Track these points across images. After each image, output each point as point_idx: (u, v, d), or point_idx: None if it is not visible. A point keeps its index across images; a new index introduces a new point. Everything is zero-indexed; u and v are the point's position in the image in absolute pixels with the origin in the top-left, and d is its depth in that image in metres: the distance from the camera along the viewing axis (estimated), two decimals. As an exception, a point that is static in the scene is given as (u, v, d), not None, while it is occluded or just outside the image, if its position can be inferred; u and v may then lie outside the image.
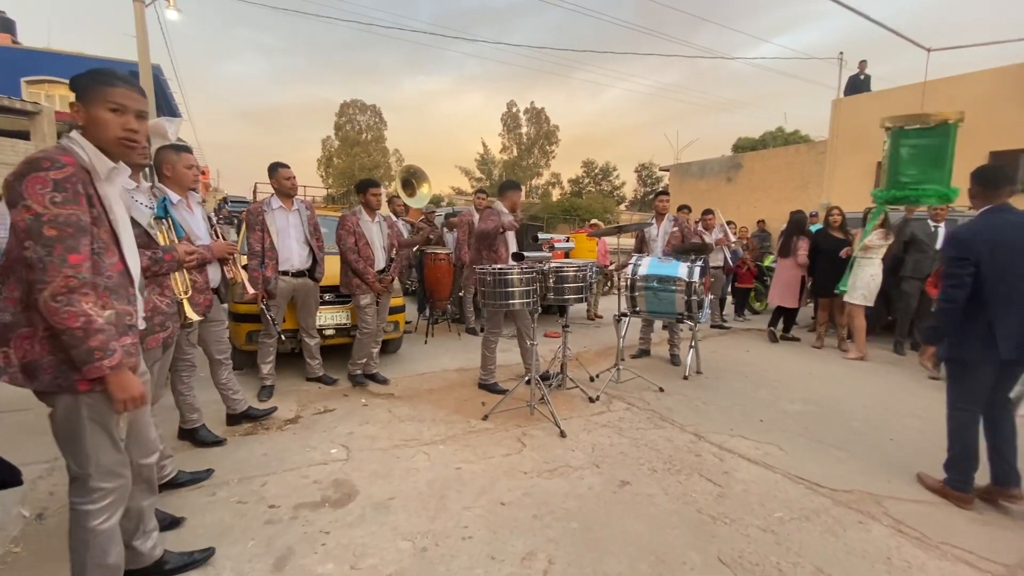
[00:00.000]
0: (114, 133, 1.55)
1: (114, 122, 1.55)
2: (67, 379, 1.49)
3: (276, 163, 3.77)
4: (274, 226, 3.71)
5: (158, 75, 11.94)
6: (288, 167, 3.77)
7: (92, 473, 1.58)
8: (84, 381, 1.49)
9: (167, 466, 2.51)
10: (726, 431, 3.47)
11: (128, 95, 1.58)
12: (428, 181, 6.97)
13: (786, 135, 27.52)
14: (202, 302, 2.70)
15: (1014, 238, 2.51)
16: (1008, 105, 10.72)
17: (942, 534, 2.34)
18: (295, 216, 3.81)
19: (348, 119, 46.46)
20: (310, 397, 3.94)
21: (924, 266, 5.56)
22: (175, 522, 2.24)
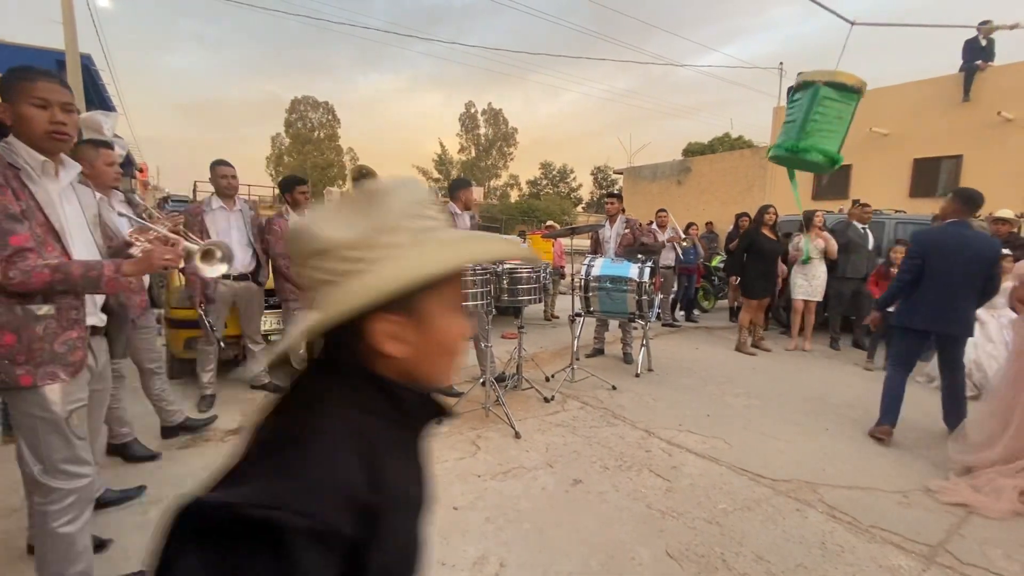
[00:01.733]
0: (41, 128, 1.53)
1: (39, 117, 1.53)
2: (9, 374, 1.49)
3: (217, 160, 3.59)
4: (214, 227, 3.52)
5: (88, 65, 11.12)
6: (229, 165, 3.60)
7: (44, 471, 1.57)
8: (26, 376, 1.50)
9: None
10: (675, 426, 3.57)
11: (50, 88, 1.55)
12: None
13: (732, 140, 28.72)
14: (138, 303, 2.57)
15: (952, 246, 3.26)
16: (932, 115, 11.58)
17: (872, 518, 2.49)
18: (237, 217, 3.64)
19: (299, 116, 45.13)
20: (254, 406, 3.77)
21: (860, 266, 5.87)
22: (101, 544, 2.09)
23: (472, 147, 48.84)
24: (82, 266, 1.54)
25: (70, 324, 1.58)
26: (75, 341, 1.60)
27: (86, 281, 1.54)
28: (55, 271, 1.48)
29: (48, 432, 1.55)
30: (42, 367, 1.54)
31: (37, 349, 1.52)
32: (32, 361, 1.52)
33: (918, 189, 11.82)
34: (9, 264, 1.43)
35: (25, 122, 1.52)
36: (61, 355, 1.57)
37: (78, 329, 1.62)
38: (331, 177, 41.65)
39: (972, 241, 3.28)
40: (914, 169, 12.00)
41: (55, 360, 1.57)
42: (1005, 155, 10.55)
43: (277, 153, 45.16)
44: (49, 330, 1.54)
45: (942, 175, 11.70)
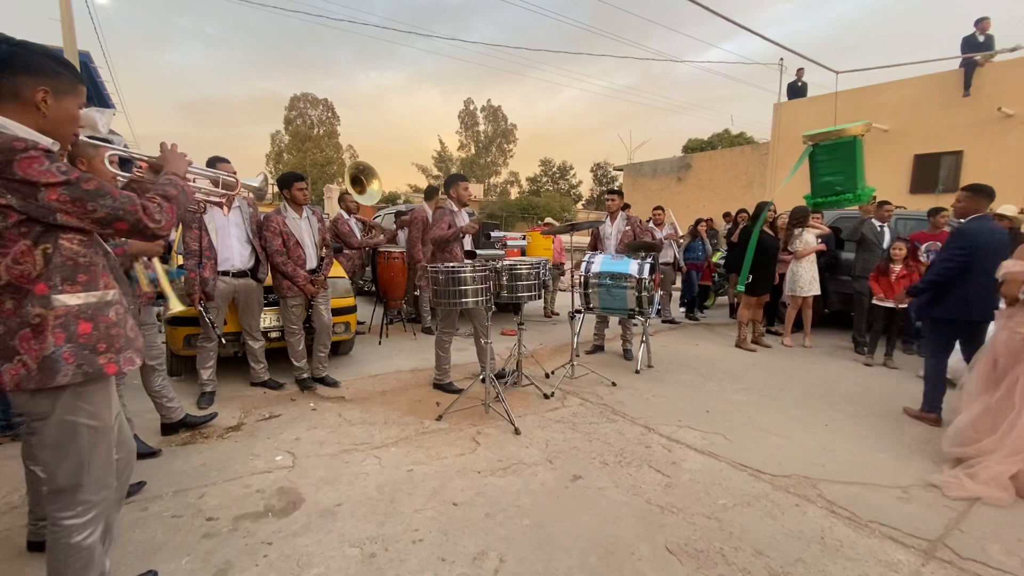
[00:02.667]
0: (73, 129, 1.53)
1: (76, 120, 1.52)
2: (92, 364, 1.42)
3: (214, 157, 3.58)
4: (212, 224, 3.52)
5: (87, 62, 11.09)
6: (228, 161, 3.59)
7: (84, 483, 1.48)
8: (110, 364, 1.46)
9: None
10: (675, 423, 3.57)
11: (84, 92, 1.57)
12: (378, 178, 6.81)
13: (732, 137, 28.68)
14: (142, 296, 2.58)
15: (988, 239, 3.47)
16: (932, 111, 11.56)
17: (871, 513, 2.49)
18: (236, 214, 3.64)
19: (299, 113, 45.03)
20: (254, 403, 3.77)
21: (872, 264, 5.74)
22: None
23: (472, 144, 48.75)
24: (171, 185, 1.57)
25: (127, 312, 1.58)
26: (136, 327, 1.61)
27: (182, 195, 1.59)
28: (170, 200, 1.51)
29: (96, 442, 1.48)
30: (121, 353, 1.51)
31: (115, 335, 1.49)
32: (113, 348, 1.48)
33: (919, 185, 11.81)
34: (148, 212, 1.43)
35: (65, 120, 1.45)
36: (133, 340, 1.56)
37: (132, 316, 1.63)
38: (331, 174, 41.58)
39: (1001, 234, 3.60)
40: (915, 165, 11.99)
41: (130, 345, 1.54)
42: (1005, 150, 10.53)
43: (277, 150, 45.06)
44: (119, 315, 1.52)
45: (942, 171, 11.69)
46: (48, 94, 1.38)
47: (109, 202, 1.36)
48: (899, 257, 5.19)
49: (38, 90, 1.36)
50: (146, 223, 1.42)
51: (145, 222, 1.42)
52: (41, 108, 1.37)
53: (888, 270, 5.26)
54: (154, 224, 1.44)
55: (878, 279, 5.33)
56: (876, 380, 4.80)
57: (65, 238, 1.39)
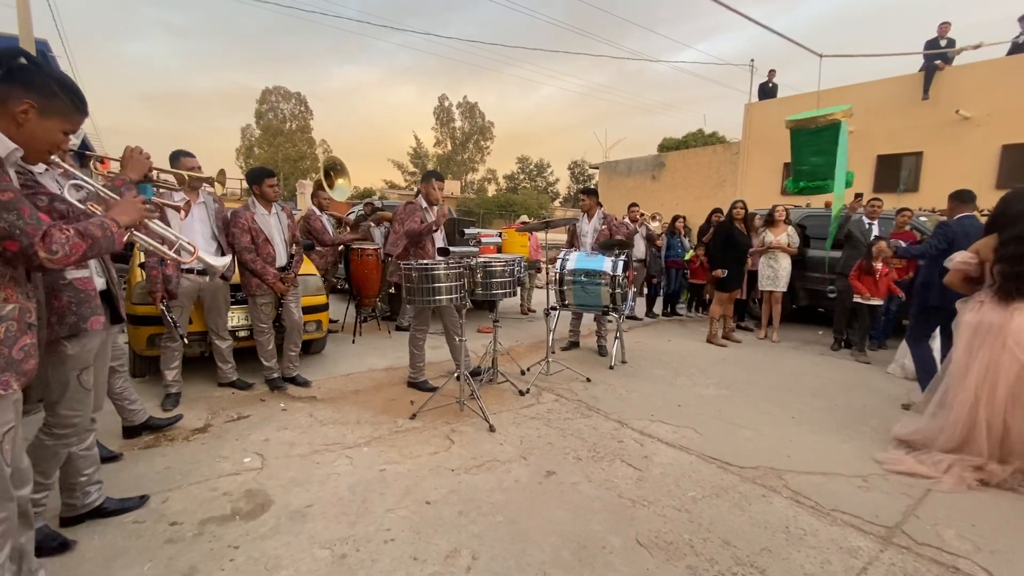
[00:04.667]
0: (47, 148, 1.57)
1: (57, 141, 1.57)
2: None
3: (178, 151, 3.47)
4: (176, 219, 3.40)
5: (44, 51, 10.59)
6: (192, 156, 3.48)
7: None
8: None
9: (92, 492, 2.24)
10: (647, 417, 3.63)
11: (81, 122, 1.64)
12: (347, 175, 6.80)
13: (705, 136, 29.17)
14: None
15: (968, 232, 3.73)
16: (895, 112, 11.97)
17: (833, 502, 2.57)
18: (200, 209, 3.53)
19: (270, 107, 44.06)
20: (222, 404, 3.68)
21: (855, 263, 5.72)
22: (64, 545, 2.02)
23: (448, 141, 48.45)
24: (98, 227, 1.53)
25: (25, 329, 1.48)
26: (29, 347, 1.49)
27: (106, 240, 1.53)
28: (84, 238, 1.46)
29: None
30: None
31: None
32: None
33: (881, 184, 12.23)
34: (47, 240, 1.38)
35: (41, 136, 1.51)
36: (17, 362, 1.45)
37: (31, 335, 1.51)
38: (303, 169, 40.77)
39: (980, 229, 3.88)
40: (877, 165, 12.41)
41: (9, 367, 1.44)
42: (963, 152, 10.99)
43: (247, 145, 43.98)
44: (10, 333, 1.43)
45: (903, 171, 12.13)
46: (32, 109, 1.46)
47: (11, 218, 1.33)
48: (881, 256, 5.27)
49: (23, 102, 1.45)
50: (37, 250, 1.36)
51: (36, 249, 1.36)
52: (19, 119, 1.45)
53: (871, 269, 5.36)
54: (46, 254, 1.38)
55: (860, 278, 5.43)
56: (841, 373, 4.96)
57: None
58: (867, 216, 5.90)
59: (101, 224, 1.55)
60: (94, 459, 2.24)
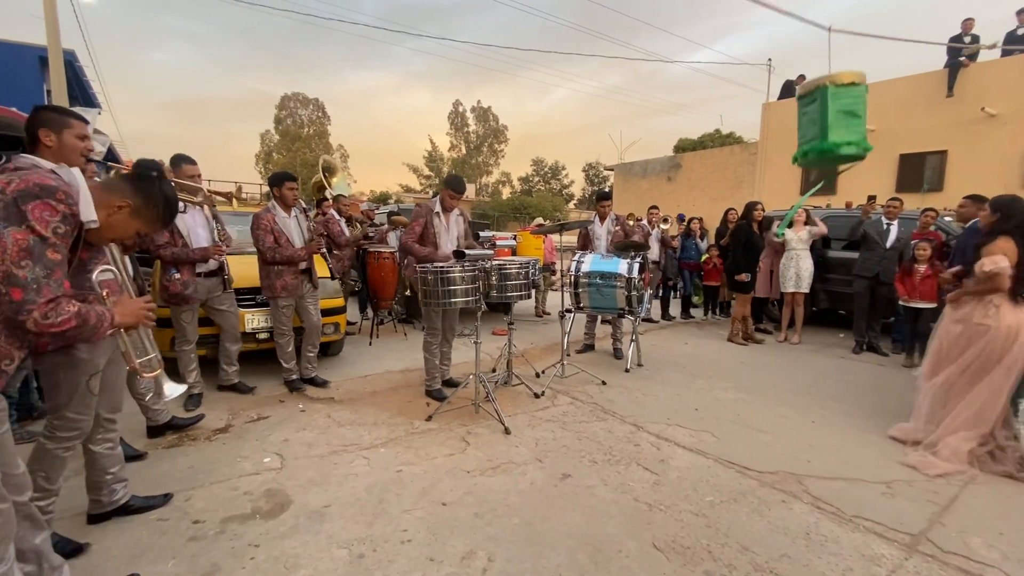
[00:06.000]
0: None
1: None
2: None
3: (179, 156, 3.50)
4: (184, 225, 3.46)
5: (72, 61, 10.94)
6: (194, 163, 3.52)
7: None
8: None
9: (118, 490, 2.30)
10: (663, 421, 3.60)
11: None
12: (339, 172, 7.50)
13: (722, 137, 28.86)
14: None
15: None
16: (918, 111, 11.70)
17: (855, 508, 2.52)
18: (199, 213, 3.58)
19: (289, 113, 44.76)
20: (242, 404, 3.74)
21: (871, 264, 5.65)
22: (78, 548, 2.06)
23: (462, 145, 48.71)
24: (96, 317, 1.57)
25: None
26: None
27: (91, 330, 1.56)
28: (79, 318, 1.51)
29: None
30: None
31: None
32: None
33: (904, 184, 11.96)
34: (50, 306, 1.44)
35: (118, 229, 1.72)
36: None
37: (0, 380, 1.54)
38: (321, 174, 41.26)
39: None
40: (900, 164, 12.14)
41: None
42: (989, 150, 10.70)
43: (266, 150, 44.74)
44: None
45: (927, 170, 11.84)
46: (127, 208, 1.69)
47: (40, 274, 1.42)
48: (924, 257, 5.14)
49: (125, 201, 1.69)
50: (32, 310, 1.41)
51: (33, 309, 1.41)
52: (111, 210, 1.66)
53: (912, 271, 5.23)
54: (39, 316, 1.42)
55: (903, 280, 5.28)
56: (863, 377, 4.86)
57: None
58: (885, 217, 5.74)
59: (100, 315, 1.59)
60: (118, 458, 2.30)
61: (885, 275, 5.55)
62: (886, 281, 5.52)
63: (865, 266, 5.71)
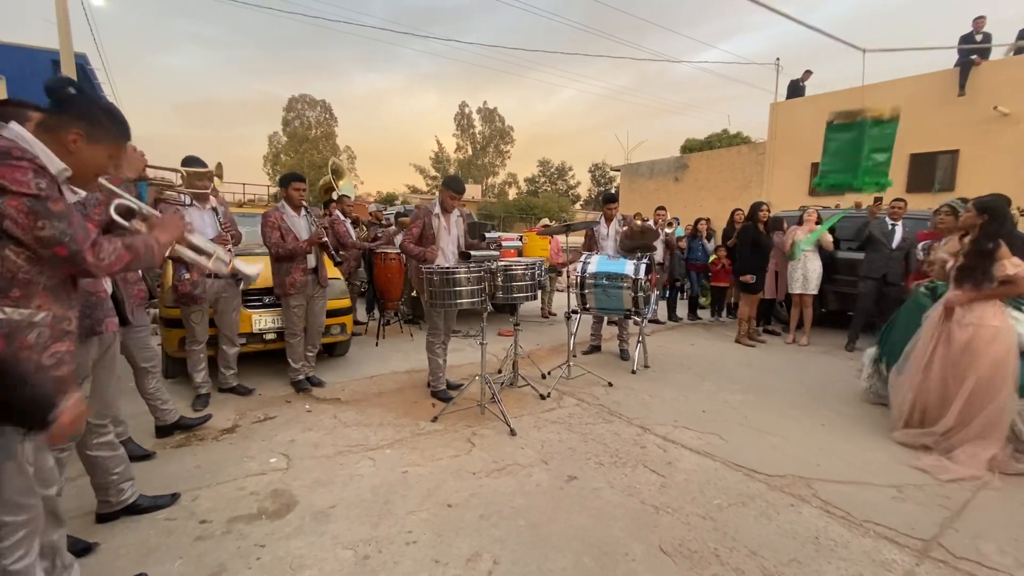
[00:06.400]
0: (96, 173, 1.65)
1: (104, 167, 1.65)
2: None
3: (190, 157, 3.56)
4: (192, 225, 3.49)
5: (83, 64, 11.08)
6: (204, 164, 3.57)
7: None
8: None
9: (125, 489, 2.31)
10: (670, 423, 3.57)
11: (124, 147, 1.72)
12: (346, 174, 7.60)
13: (730, 137, 28.69)
14: (136, 294, 2.57)
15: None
16: (929, 110, 11.55)
17: (866, 512, 2.49)
18: (210, 214, 3.61)
19: (297, 115, 45.03)
20: (249, 405, 3.76)
21: (878, 265, 5.59)
22: (87, 548, 2.07)
23: (468, 146, 48.78)
24: (143, 244, 1.60)
25: (61, 336, 1.51)
26: (63, 355, 1.52)
27: (147, 256, 1.61)
28: (129, 251, 1.54)
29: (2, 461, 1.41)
30: None
31: (23, 359, 1.41)
32: None
33: (915, 184, 11.83)
34: (96, 248, 1.44)
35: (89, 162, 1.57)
36: (45, 368, 1.48)
37: (68, 342, 1.54)
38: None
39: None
40: (910, 164, 12.00)
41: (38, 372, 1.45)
42: (1001, 149, 10.55)
43: (274, 152, 45.04)
44: (41, 339, 1.45)
45: (939, 170, 11.70)
46: (80, 138, 1.52)
47: (62, 226, 1.37)
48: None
49: (72, 131, 1.51)
50: (86, 256, 1.41)
51: (85, 255, 1.41)
52: (69, 147, 1.51)
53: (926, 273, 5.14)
54: (94, 260, 1.43)
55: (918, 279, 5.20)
56: (872, 379, 4.80)
57: (13, 250, 1.37)
58: (889, 217, 5.71)
59: (145, 242, 1.63)
60: (121, 458, 2.30)
61: (893, 276, 5.49)
62: (894, 282, 5.47)
63: (872, 267, 5.65)
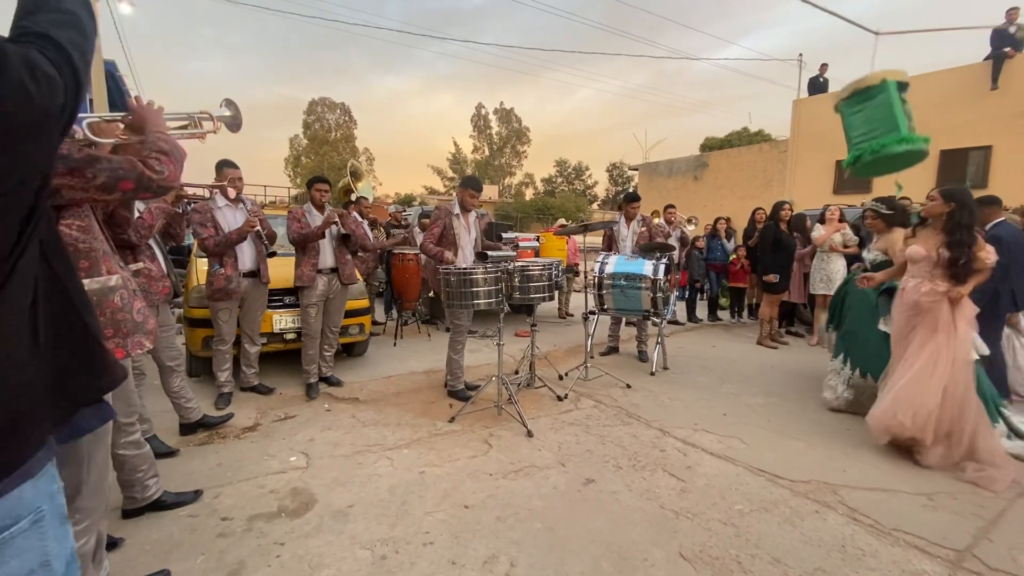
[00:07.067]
0: None
1: None
2: None
3: (222, 161, 3.65)
4: (225, 223, 3.60)
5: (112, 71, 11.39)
6: (236, 167, 3.66)
7: (83, 489, 1.49)
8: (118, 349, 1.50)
9: (150, 486, 2.36)
10: (690, 426, 3.51)
11: None
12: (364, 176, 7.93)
13: (750, 135, 28.22)
14: (160, 290, 2.63)
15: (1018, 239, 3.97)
16: (960, 105, 11.19)
17: (895, 521, 2.41)
18: (242, 214, 3.69)
19: (317, 118, 45.66)
20: (270, 404, 3.81)
21: None
22: (113, 543, 2.12)
23: (485, 147, 48.90)
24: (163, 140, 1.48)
25: (133, 295, 1.60)
26: (145, 309, 1.63)
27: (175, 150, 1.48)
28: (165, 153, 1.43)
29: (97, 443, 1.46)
30: (129, 337, 1.52)
31: (120, 320, 1.48)
32: (120, 332, 1.48)
33: (945, 182, 11.45)
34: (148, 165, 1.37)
35: None
36: (141, 323, 1.57)
37: (140, 299, 1.64)
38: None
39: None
40: (941, 161, 11.64)
41: (138, 329, 1.55)
42: (1038, 145, 10.16)
43: (295, 154, 45.76)
44: (124, 299, 1.53)
45: (970, 167, 11.33)
46: None
47: (105, 165, 1.31)
48: None
49: None
50: (149, 176, 1.35)
51: (148, 175, 1.35)
52: None
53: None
54: (156, 175, 1.37)
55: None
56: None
57: (64, 224, 1.39)
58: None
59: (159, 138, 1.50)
60: (146, 456, 2.35)
61: None
62: None
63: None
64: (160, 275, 2.68)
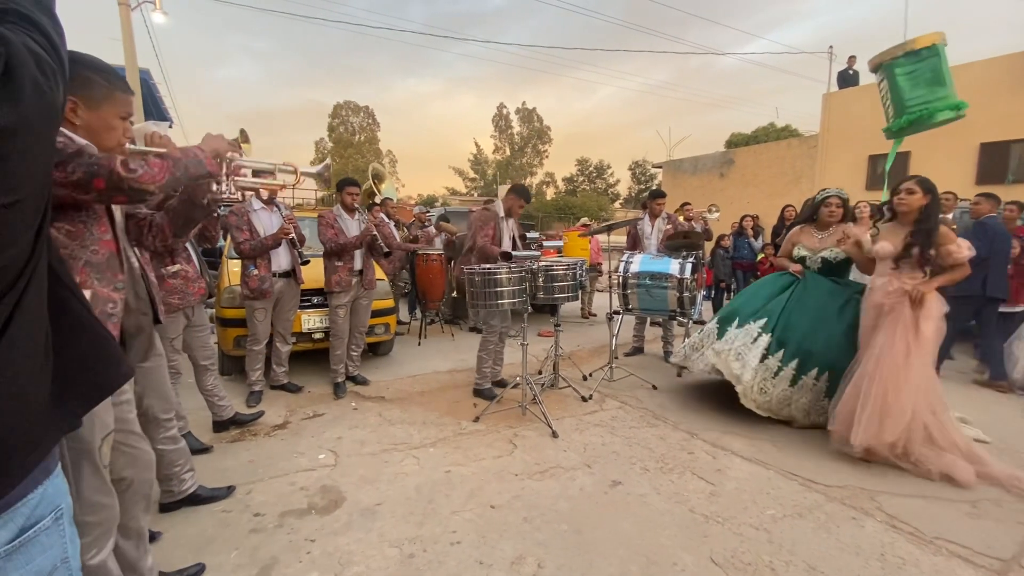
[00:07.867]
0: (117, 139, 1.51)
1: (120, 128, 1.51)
2: None
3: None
4: (260, 226, 3.68)
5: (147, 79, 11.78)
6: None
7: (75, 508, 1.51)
8: None
9: (187, 480, 2.43)
10: (719, 428, 3.45)
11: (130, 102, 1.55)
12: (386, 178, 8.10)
13: (778, 130, 27.57)
14: (196, 291, 2.70)
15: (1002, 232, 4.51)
16: (1001, 96, 10.72)
17: (936, 529, 2.32)
18: (276, 216, 3.78)
19: (341, 121, 46.37)
20: (299, 402, 3.89)
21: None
22: (151, 537, 2.18)
23: (506, 146, 48.93)
24: (180, 150, 1.52)
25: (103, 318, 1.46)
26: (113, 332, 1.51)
27: (190, 160, 1.51)
28: (164, 158, 1.44)
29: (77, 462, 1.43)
30: None
31: None
32: None
33: (985, 176, 10.99)
34: (124, 164, 1.35)
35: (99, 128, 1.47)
36: None
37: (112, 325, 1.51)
38: (371, 179, 42.59)
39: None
40: (981, 154, 11.17)
41: None
42: (1087, 136, 9.67)
43: (320, 157, 46.59)
44: None
45: (1012, 160, 10.84)
46: (78, 106, 1.42)
47: (85, 160, 1.31)
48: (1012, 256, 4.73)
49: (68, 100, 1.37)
50: (119, 173, 1.33)
51: (118, 172, 1.33)
52: (71, 119, 1.41)
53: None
54: (127, 173, 1.34)
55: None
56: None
57: (55, 226, 1.35)
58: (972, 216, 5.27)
59: (184, 151, 1.52)
60: (183, 451, 2.42)
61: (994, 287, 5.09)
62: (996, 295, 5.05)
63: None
64: (196, 276, 2.76)
